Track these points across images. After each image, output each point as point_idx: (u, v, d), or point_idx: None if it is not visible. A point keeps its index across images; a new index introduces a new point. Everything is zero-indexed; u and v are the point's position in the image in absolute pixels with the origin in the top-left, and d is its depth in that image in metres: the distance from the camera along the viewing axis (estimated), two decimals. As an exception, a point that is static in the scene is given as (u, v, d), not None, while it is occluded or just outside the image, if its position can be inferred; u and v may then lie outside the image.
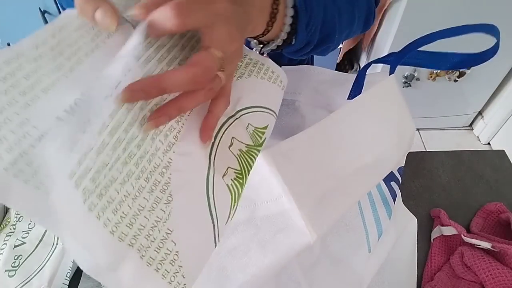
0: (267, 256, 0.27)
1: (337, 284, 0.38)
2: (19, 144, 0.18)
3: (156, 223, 0.20)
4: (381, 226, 0.42)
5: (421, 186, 0.58)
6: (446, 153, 0.63)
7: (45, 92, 0.20)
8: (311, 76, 0.47)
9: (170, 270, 0.20)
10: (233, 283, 0.27)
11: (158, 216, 0.20)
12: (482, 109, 1.59)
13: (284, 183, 0.26)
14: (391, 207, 0.43)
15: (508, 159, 0.62)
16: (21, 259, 0.46)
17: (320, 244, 0.38)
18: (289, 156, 0.27)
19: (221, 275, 0.27)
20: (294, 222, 0.27)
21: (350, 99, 0.37)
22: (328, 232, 0.40)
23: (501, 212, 0.53)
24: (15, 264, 0.46)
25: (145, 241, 0.19)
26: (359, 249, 0.41)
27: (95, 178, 0.18)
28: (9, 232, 0.49)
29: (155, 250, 0.20)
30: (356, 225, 0.41)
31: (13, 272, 0.45)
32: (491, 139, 1.59)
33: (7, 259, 0.46)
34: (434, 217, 0.54)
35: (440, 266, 0.49)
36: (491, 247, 0.45)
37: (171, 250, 0.21)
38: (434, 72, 1.38)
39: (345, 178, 0.29)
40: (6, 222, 0.51)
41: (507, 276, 0.42)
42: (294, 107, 0.50)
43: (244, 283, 0.27)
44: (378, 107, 0.32)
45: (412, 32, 0.46)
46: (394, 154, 0.32)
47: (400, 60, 0.33)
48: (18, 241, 0.48)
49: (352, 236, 0.40)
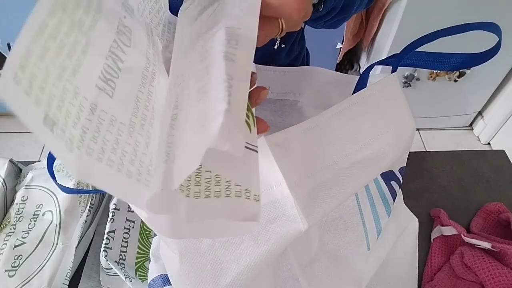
0: (260, 246, 0.27)
1: (335, 281, 0.38)
2: (79, 118, 0.17)
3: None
4: (380, 225, 0.42)
5: (421, 186, 0.58)
6: (446, 153, 0.63)
7: (84, 56, 0.18)
8: (313, 77, 0.47)
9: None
10: (227, 275, 0.27)
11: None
12: (482, 109, 1.59)
13: (279, 172, 0.26)
14: (390, 206, 0.43)
15: (508, 159, 0.62)
16: (21, 259, 0.46)
17: (319, 241, 0.38)
18: (285, 146, 0.27)
19: (216, 268, 0.28)
20: (287, 211, 0.27)
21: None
22: (326, 230, 0.40)
23: (501, 212, 0.53)
24: (15, 264, 0.46)
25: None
26: (358, 246, 0.41)
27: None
28: (9, 232, 0.49)
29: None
30: (355, 223, 0.41)
31: (13, 272, 0.45)
32: (491, 139, 1.59)
33: (7, 259, 0.46)
34: (434, 217, 0.54)
35: (440, 266, 0.49)
36: (491, 247, 0.45)
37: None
38: (434, 72, 1.38)
39: (340, 171, 0.29)
40: (6, 222, 0.51)
41: (507, 276, 0.42)
42: (297, 107, 0.50)
43: (239, 275, 0.27)
44: (377, 103, 0.32)
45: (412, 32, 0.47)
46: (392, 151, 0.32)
47: (402, 61, 0.34)
48: (18, 241, 0.48)
49: (351, 234, 0.40)
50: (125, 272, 0.46)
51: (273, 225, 0.27)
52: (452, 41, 0.44)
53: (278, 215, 0.27)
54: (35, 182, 0.54)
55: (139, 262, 0.48)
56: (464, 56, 0.32)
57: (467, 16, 1.15)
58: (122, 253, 0.47)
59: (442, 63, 0.33)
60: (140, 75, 0.22)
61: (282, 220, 0.27)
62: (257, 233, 0.27)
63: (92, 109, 0.18)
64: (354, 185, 0.30)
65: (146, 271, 0.48)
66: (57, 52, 0.17)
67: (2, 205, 0.52)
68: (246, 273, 0.27)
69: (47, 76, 0.16)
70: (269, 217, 0.27)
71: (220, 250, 0.28)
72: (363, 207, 0.42)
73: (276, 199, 0.27)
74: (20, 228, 0.49)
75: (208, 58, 0.20)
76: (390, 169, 0.43)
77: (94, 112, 0.18)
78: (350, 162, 0.30)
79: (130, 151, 0.19)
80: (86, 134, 0.17)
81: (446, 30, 0.31)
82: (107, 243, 0.46)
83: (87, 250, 0.51)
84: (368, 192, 0.43)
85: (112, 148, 0.18)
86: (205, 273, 0.28)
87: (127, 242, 0.48)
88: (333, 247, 0.39)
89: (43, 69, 0.16)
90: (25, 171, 0.57)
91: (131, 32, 0.23)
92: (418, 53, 0.33)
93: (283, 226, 0.27)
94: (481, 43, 0.35)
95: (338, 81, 0.46)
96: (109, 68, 0.20)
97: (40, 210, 0.51)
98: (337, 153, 0.29)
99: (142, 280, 0.47)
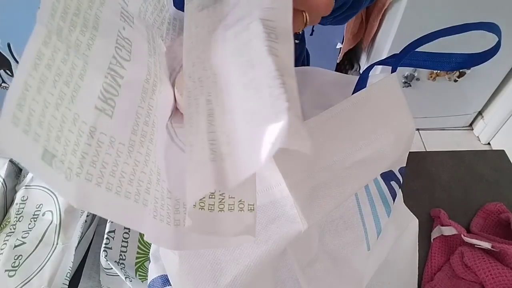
0: (260, 247, 0.27)
1: (336, 281, 0.38)
2: (78, 144, 0.17)
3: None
4: (380, 225, 0.42)
5: (421, 186, 0.58)
6: (446, 153, 0.63)
7: (82, 79, 0.18)
8: (314, 78, 0.47)
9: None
10: (227, 276, 0.27)
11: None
12: (482, 109, 1.59)
13: (279, 171, 0.26)
14: (390, 206, 0.43)
15: (508, 159, 0.62)
16: (21, 259, 0.46)
17: (319, 242, 0.38)
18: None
19: (215, 269, 0.27)
20: (286, 211, 0.27)
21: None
22: (326, 230, 0.40)
23: (501, 212, 0.53)
24: (15, 264, 0.46)
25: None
26: (358, 246, 0.41)
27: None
28: (9, 232, 0.49)
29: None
30: (355, 223, 0.41)
31: (13, 272, 0.45)
32: (491, 139, 1.59)
33: (7, 259, 0.46)
34: (434, 217, 0.54)
35: (440, 266, 0.49)
36: (491, 247, 0.45)
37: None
38: (434, 72, 1.38)
39: (340, 171, 0.29)
40: (6, 222, 0.51)
41: (507, 276, 0.42)
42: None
43: (238, 275, 0.27)
44: (377, 103, 0.32)
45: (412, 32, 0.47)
46: (392, 151, 0.32)
47: (402, 61, 0.34)
48: (18, 241, 0.48)
49: (351, 234, 0.40)
50: (125, 272, 0.45)
51: (273, 225, 0.27)
52: (452, 41, 0.44)
53: (278, 215, 0.27)
54: (35, 182, 0.54)
55: (139, 262, 0.48)
56: (464, 56, 0.32)
57: (467, 16, 1.15)
58: (122, 253, 0.47)
59: (442, 63, 0.33)
60: (140, 89, 0.22)
61: (282, 220, 0.27)
62: (257, 233, 0.27)
63: (91, 132, 0.17)
64: (354, 185, 0.30)
65: (146, 271, 0.48)
66: (54, 81, 0.16)
67: (2, 205, 0.52)
68: (246, 273, 0.27)
69: (45, 108, 0.16)
70: (269, 217, 0.27)
71: (220, 250, 0.28)
72: (363, 207, 0.42)
73: (276, 199, 0.27)
74: (20, 228, 0.49)
75: (248, 52, 0.19)
76: (390, 169, 0.43)
77: (94, 135, 0.18)
78: (350, 162, 0.30)
79: (129, 171, 0.19)
80: (85, 160, 0.17)
81: (446, 30, 0.31)
82: (107, 243, 0.46)
83: (87, 250, 0.51)
84: (368, 192, 0.43)
85: (111, 170, 0.18)
86: (205, 273, 0.28)
87: (127, 242, 0.48)
88: (333, 247, 0.39)
89: (41, 102, 0.15)
90: (25, 171, 0.57)
91: (131, 43, 0.22)
92: (418, 53, 0.33)
93: (283, 226, 0.27)
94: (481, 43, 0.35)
95: (338, 82, 0.46)
96: (109, 86, 0.19)
97: (40, 210, 0.51)
98: (337, 153, 0.29)
99: (142, 280, 0.47)
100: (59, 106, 0.16)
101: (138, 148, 0.20)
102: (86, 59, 0.18)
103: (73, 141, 0.17)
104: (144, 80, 0.22)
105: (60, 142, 0.16)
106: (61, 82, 0.17)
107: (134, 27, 0.23)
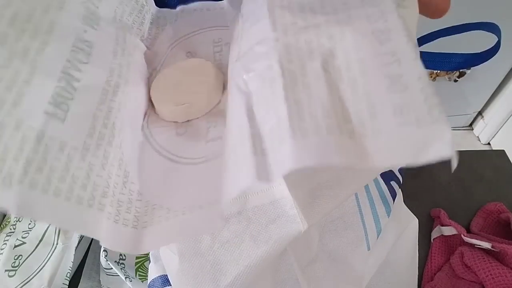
0: (260, 247, 0.27)
1: (336, 281, 0.38)
2: (22, 150, 0.17)
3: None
4: (380, 225, 0.42)
5: (421, 186, 0.58)
6: (446, 153, 0.63)
7: (28, 83, 0.18)
8: None
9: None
10: (227, 276, 0.27)
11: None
12: (482, 109, 1.59)
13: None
14: (390, 205, 0.43)
15: (508, 159, 0.62)
16: (21, 259, 0.46)
17: (319, 242, 0.39)
18: None
19: (215, 269, 0.28)
20: (286, 211, 0.27)
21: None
22: (326, 230, 0.40)
23: (501, 212, 0.53)
24: (15, 264, 0.46)
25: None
26: (358, 247, 0.41)
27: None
28: (9, 232, 0.49)
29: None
30: (355, 223, 0.41)
31: (13, 272, 0.45)
32: (491, 139, 1.59)
33: (7, 259, 0.46)
34: (434, 217, 0.54)
35: (440, 266, 0.49)
36: (491, 247, 0.45)
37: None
38: (434, 72, 1.38)
39: (340, 171, 0.29)
40: (6, 222, 0.51)
41: (507, 276, 0.42)
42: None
43: (238, 275, 0.27)
44: None
45: (412, 32, 0.46)
46: None
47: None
48: (18, 241, 0.48)
49: (351, 234, 0.40)
50: (125, 272, 0.46)
51: (273, 225, 0.27)
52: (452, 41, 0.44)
53: (278, 215, 0.27)
54: (35, 182, 0.54)
55: (139, 262, 0.48)
56: (464, 56, 0.32)
57: (467, 16, 1.14)
58: (122, 253, 0.47)
59: (442, 63, 0.33)
60: (99, 91, 0.21)
61: (282, 221, 0.27)
62: (257, 234, 0.27)
63: (38, 137, 0.17)
64: (354, 185, 0.30)
65: (146, 271, 0.48)
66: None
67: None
68: (246, 273, 0.27)
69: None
70: (269, 218, 0.27)
71: (220, 250, 0.28)
72: (363, 207, 0.42)
73: (276, 200, 0.27)
74: (20, 228, 0.49)
75: (388, 41, 0.18)
76: (390, 169, 0.43)
77: (41, 140, 0.17)
78: None
79: (82, 175, 0.19)
80: (30, 167, 0.16)
81: (446, 30, 0.31)
82: (107, 243, 0.46)
83: (87, 250, 0.51)
84: (368, 192, 0.43)
85: (60, 176, 0.17)
86: (205, 273, 0.28)
87: (127, 242, 0.48)
88: (333, 247, 0.39)
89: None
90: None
91: (92, 46, 0.22)
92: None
93: (282, 226, 0.27)
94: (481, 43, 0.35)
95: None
96: (62, 90, 0.19)
97: (40, 210, 0.51)
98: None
99: (142, 280, 0.47)
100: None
101: (94, 151, 0.20)
102: (34, 64, 0.18)
103: (16, 148, 0.16)
104: (104, 82, 0.22)
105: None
106: (0, 89, 0.17)
107: (99, 29, 0.23)
